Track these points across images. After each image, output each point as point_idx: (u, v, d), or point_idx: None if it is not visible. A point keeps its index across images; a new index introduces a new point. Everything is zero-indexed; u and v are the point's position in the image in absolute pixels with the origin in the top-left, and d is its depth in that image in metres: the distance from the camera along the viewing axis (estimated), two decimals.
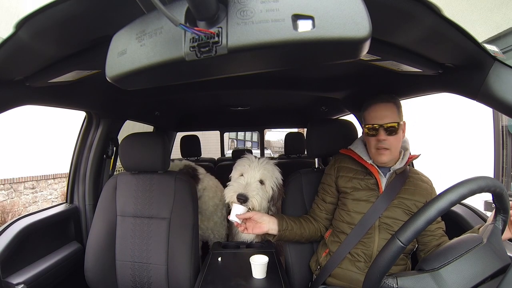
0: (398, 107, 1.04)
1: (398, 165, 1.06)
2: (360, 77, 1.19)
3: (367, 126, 1.07)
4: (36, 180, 5.13)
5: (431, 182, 1.09)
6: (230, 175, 1.37)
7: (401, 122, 1.03)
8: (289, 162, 2.50)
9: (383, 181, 1.06)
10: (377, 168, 1.07)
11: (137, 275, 1.24)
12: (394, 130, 1.02)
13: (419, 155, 1.09)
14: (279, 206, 1.39)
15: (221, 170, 2.38)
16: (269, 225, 1.11)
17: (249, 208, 1.20)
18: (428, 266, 0.60)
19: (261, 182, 1.29)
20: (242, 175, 1.29)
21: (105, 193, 1.32)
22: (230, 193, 1.24)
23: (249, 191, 1.19)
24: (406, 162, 1.07)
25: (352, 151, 1.15)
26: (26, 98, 0.85)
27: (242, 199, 1.18)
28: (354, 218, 1.05)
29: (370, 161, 1.08)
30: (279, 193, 1.35)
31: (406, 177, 1.06)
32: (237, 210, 1.12)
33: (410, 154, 1.10)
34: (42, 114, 4.89)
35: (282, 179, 1.37)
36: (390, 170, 1.06)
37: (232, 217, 1.11)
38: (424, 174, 1.12)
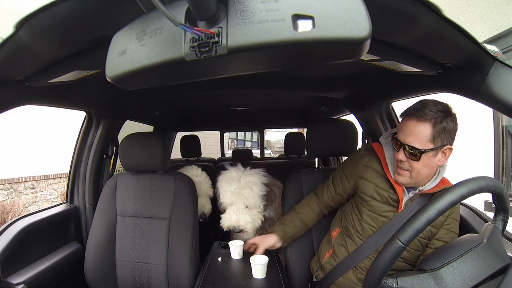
0: (437, 129, 0.84)
1: (428, 186, 0.92)
2: (360, 77, 1.19)
3: (396, 135, 0.92)
4: (36, 180, 5.13)
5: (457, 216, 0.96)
6: (219, 196, 1.46)
7: (429, 150, 0.85)
8: (289, 162, 2.50)
9: (404, 199, 0.94)
10: (403, 187, 0.94)
11: (137, 275, 1.24)
12: (414, 155, 0.86)
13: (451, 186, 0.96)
14: (277, 205, 1.44)
15: (221, 170, 2.38)
16: (271, 241, 1.14)
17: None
18: (428, 266, 0.60)
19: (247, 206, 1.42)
20: (232, 203, 1.41)
21: (105, 193, 1.32)
22: (225, 228, 1.41)
23: (241, 224, 1.37)
24: (437, 186, 0.92)
25: (383, 154, 1.00)
26: (26, 98, 0.85)
27: (237, 231, 1.37)
28: (365, 231, 0.99)
29: (395, 177, 0.95)
30: (269, 199, 1.43)
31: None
32: (235, 248, 1.23)
33: (443, 178, 0.96)
34: (42, 114, 4.88)
35: (264, 186, 1.44)
36: (416, 190, 0.94)
37: (235, 256, 1.23)
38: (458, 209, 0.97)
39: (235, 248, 1.24)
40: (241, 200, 1.38)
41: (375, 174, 1.00)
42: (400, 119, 0.94)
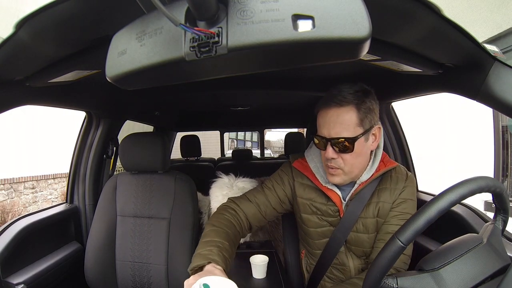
0: (363, 111, 0.77)
1: (365, 177, 0.84)
2: (360, 77, 1.19)
3: (315, 135, 0.82)
4: (36, 180, 5.13)
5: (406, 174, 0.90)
6: (209, 205, 1.42)
7: (360, 136, 0.77)
8: None
9: (343, 205, 0.88)
10: (338, 193, 0.86)
11: (137, 275, 1.24)
12: (346, 147, 0.76)
13: (394, 167, 0.88)
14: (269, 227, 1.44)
15: (221, 170, 2.38)
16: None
17: None
18: (428, 266, 0.60)
19: None
20: None
21: (105, 193, 1.32)
22: None
23: None
24: (374, 173, 0.85)
25: (308, 166, 0.91)
26: (26, 98, 0.85)
27: None
28: (319, 244, 0.95)
29: (328, 185, 0.87)
30: None
31: (372, 190, 0.85)
32: None
33: (382, 158, 0.88)
34: (42, 114, 4.89)
35: None
36: (352, 186, 0.87)
37: None
38: (402, 171, 0.90)
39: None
40: None
41: (310, 188, 0.92)
42: (320, 115, 0.82)
